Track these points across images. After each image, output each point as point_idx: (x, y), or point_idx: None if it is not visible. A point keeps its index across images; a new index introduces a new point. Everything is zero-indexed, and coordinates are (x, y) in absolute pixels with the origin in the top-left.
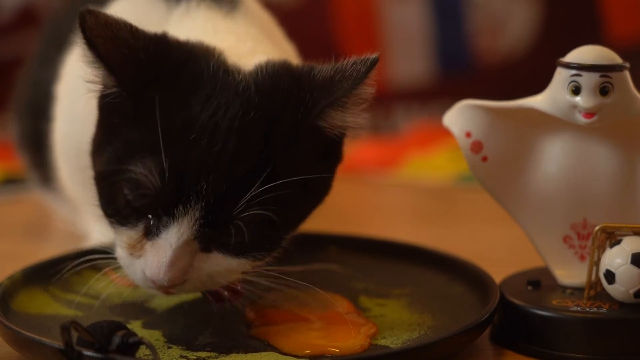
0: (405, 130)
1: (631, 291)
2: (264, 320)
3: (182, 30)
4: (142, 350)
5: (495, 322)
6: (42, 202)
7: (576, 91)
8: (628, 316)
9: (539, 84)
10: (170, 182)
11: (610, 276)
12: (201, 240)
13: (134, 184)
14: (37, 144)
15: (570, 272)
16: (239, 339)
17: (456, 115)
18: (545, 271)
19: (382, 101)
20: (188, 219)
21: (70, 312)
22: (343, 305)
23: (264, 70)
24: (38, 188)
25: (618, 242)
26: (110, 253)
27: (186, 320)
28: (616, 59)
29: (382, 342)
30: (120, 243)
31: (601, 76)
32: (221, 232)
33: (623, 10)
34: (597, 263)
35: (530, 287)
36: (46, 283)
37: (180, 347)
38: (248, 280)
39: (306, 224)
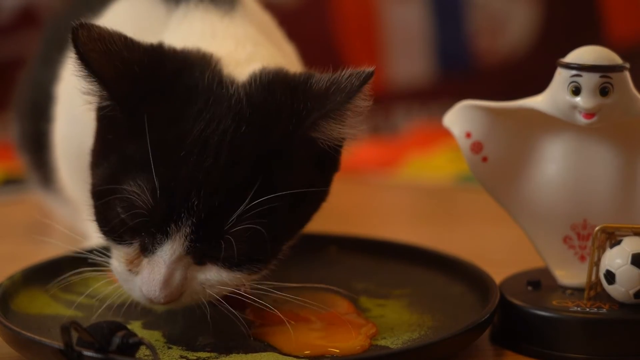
0: (405, 130)
1: (631, 292)
2: (264, 320)
3: (181, 33)
4: (142, 350)
5: (495, 323)
6: (42, 203)
7: (576, 91)
8: (628, 317)
9: (539, 85)
10: (161, 201)
11: (610, 276)
12: (194, 255)
13: (127, 203)
14: (38, 145)
15: (570, 273)
16: (239, 339)
17: (456, 115)
18: (545, 271)
19: (382, 101)
20: (180, 236)
21: (70, 313)
22: (343, 305)
23: (258, 80)
24: (38, 189)
25: (618, 243)
26: (105, 258)
27: (186, 320)
28: (616, 60)
29: (382, 343)
30: (118, 257)
31: (601, 77)
32: (212, 247)
33: (623, 10)
34: (597, 263)
35: (530, 288)
36: (46, 283)
37: (180, 348)
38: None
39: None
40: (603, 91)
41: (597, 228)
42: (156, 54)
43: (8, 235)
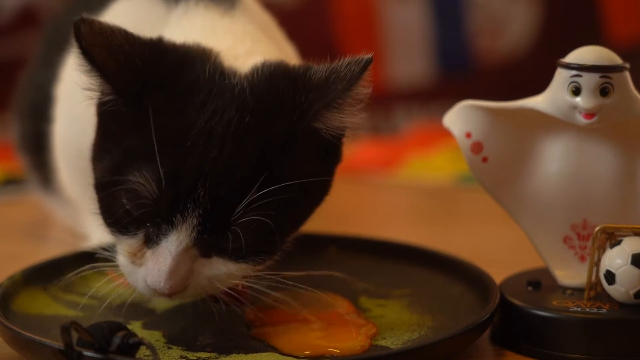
0: (405, 130)
1: (631, 292)
2: (264, 320)
3: (181, 30)
4: (143, 350)
5: (495, 323)
6: (42, 204)
7: (576, 92)
8: (628, 317)
9: (539, 85)
10: (167, 191)
11: (610, 277)
12: (200, 246)
13: (132, 194)
14: (38, 145)
15: (570, 273)
16: (239, 340)
17: (456, 115)
18: (545, 272)
19: (382, 102)
20: (186, 227)
21: (70, 313)
22: (343, 305)
23: (260, 72)
24: (38, 189)
25: (618, 243)
26: (110, 254)
27: (186, 320)
28: (616, 60)
29: (383, 343)
30: (121, 251)
31: (601, 77)
32: (219, 238)
33: (623, 10)
34: (597, 264)
35: (530, 288)
36: (46, 284)
37: (180, 348)
38: (251, 284)
39: (306, 225)
40: (603, 91)
41: (597, 228)
42: (157, 48)
43: (8, 235)
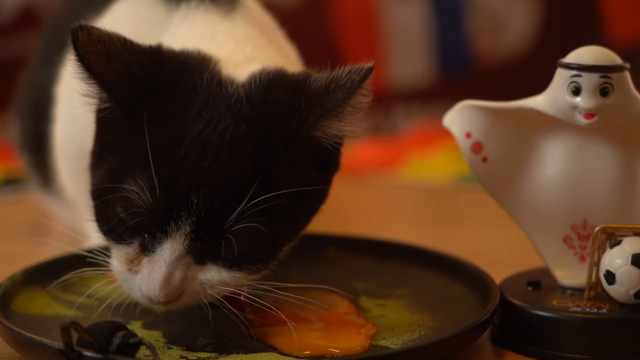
0: (405, 130)
1: (631, 292)
2: (264, 320)
3: (181, 34)
4: (143, 350)
5: (495, 323)
6: (42, 204)
7: (576, 92)
8: (628, 317)
9: (539, 85)
10: (161, 200)
11: (610, 277)
12: (194, 254)
13: (127, 202)
14: (38, 145)
15: (570, 273)
16: (239, 340)
17: (456, 115)
18: (545, 272)
19: (382, 102)
20: (180, 235)
21: (70, 313)
22: (343, 305)
23: (257, 80)
24: (38, 190)
25: (618, 243)
26: (103, 258)
27: (186, 320)
28: (616, 60)
29: (383, 343)
30: (117, 257)
31: (601, 77)
32: (213, 246)
33: (623, 10)
34: (597, 264)
35: (530, 288)
36: (46, 283)
37: (180, 348)
38: (248, 296)
39: None
40: (603, 91)
41: (597, 228)
42: (155, 56)
43: (8, 235)
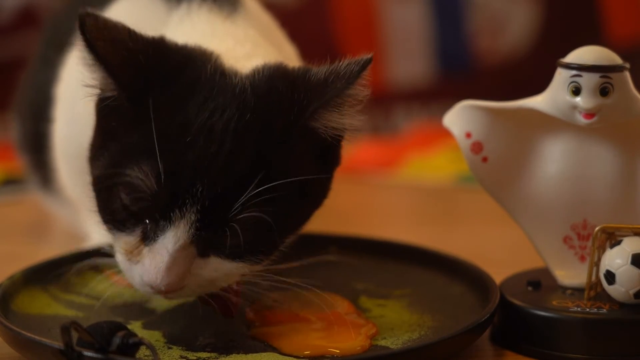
0: (405, 130)
1: (631, 292)
2: (264, 320)
3: (181, 32)
4: (143, 350)
5: (495, 323)
6: (42, 204)
7: (576, 92)
8: (628, 317)
9: (539, 85)
10: (166, 186)
11: (610, 277)
12: (198, 244)
13: (131, 188)
14: (38, 145)
15: (570, 273)
16: (239, 340)
17: (456, 115)
18: (545, 272)
19: (382, 102)
20: (184, 223)
21: (70, 313)
22: (343, 305)
23: (260, 73)
24: (38, 189)
25: (618, 243)
26: (110, 254)
27: (186, 320)
28: (616, 60)
29: (383, 343)
30: (118, 249)
31: (601, 77)
32: (217, 235)
33: (623, 10)
34: (597, 264)
35: (530, 288)
36: (46, 283)
37: (180, 348)
38: (249, 281)
39: (306, 225)
40: (603, 91)
41: (597, 228)
42: (160, 46)
43: (8, 235)
